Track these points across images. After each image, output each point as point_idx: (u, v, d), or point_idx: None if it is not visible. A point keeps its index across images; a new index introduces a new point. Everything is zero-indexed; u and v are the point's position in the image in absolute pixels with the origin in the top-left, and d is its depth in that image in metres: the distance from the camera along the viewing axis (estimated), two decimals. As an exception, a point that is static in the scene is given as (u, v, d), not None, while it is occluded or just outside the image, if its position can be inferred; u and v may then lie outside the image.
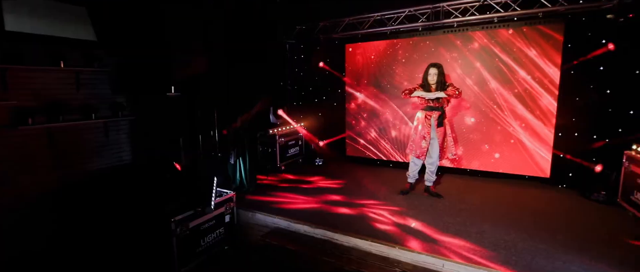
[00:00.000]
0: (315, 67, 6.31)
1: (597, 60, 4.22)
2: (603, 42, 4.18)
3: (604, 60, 4.18)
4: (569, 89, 4.44)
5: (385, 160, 5.86)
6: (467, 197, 4.24)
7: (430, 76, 4.01)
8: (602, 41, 4.19)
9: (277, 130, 5.66)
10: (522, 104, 4.70)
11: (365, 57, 5.77)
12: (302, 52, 6.51)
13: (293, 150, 6.03)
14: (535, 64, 4.55)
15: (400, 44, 5.44)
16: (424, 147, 4.10)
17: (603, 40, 4.18)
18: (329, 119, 6.37)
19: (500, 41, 4.71)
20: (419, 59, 5.29)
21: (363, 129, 5.98)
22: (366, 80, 5.82)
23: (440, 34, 5.11)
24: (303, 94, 6.64)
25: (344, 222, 3.52)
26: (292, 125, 6.09)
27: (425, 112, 4.10)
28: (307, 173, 5.46)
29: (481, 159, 5.07)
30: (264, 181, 5.05)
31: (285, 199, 4.27)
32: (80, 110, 4.32)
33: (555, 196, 4.27)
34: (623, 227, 3.35)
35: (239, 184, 4.48)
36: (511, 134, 4.82)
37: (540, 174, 4.73)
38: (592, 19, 4.22)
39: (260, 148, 5.70)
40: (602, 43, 4.18)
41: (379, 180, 5.05)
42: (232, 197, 3.79)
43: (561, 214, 3.69)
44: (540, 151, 4.69)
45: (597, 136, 4.34)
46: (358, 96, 5.94)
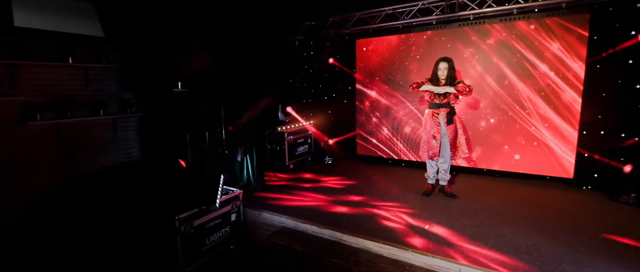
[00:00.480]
0: (324, 64, 6.17)
1: (626, 53, 3.94)
2: (632, 34, 3.90)
3: (633, 52, 3.90)
4: (594, 84, 4.17)
5: (397, 159, 5.68)
6: (484, 198, 4.02)
7: (440, 71, 3.82)
8: (631, 32, 3.91)
9: (285, 128, 5.55)
10: (544, 101, 4.44)
11: (377, 52, 5.60)
12: (312, 48, 6.39)
13: (302, 148, 5.91)
14: (558, 58, 4.29)
15: (414, 39, 5.24)
16: (435, 147, 3.91)
17: (632, 32, 3.90)
18: (339, 116, 6.22)
19: (520, 34, 4.47)
20: (434, 55, 5.08)
21: (374, 127, 5.80)
22: (378, 76, 5.64)
23: (456, 28, 4.89)
24: (312, 91, 6.51)
25: (354, 222, 3.37)
26: (301, 123, 5.97)
27: (432, 109, 3.91)
28: (316, 172, 5.33)
29: (499, 158, 4.83)
30: (272, 179, 4.94)
31: (293, 198, 4.14)
32: (88, 107, 4.30)
33: (580, 198, 4.00)
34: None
35: (246, 182, 4.38)
36: (532, 132, 4.56)
37: (563, 175, 4.46)
38: (620, 9, 3.94)
39: (269, 146, 5.60)
40: (631, 34, 3.90)
41: (390, 179, 4.87)
42: (239, 195, 3.69)
43: (587, 217, 3.45)
44: (563, 150, 4.42)
45: (626, 133, 4.05)
46: (369, 93, 5.77)
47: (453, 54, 4.78)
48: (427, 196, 4.12)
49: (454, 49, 4.89)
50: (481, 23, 4.70)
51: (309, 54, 6.45)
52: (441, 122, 3.90)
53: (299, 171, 5.41)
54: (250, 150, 4.29)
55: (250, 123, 4.28)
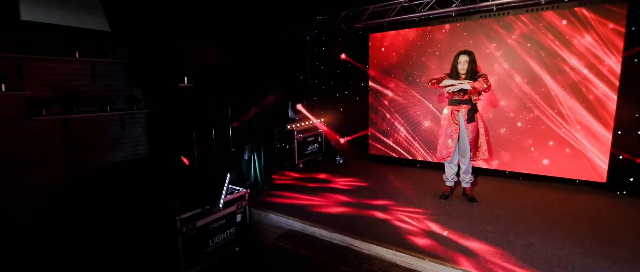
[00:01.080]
0: (336, 60, 5.96)
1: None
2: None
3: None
4: (631, 80, 3.80)
5: (412, 159, 5.40)
6: (508, 203, 3.73)
7: (460, 64, 3.54)
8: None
9: (295, 126, 5.37)
10: (574, 98, 4.09)
11: (392, 47, 5.34)
12: (323, 44, 6.18)
13: (312, 147, 5.72)
14: (591, 51, 3.94)
15: (432, 32, 4.96)
16: (450, 147, 3.65)
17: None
18: (351, 114, 6.00)
19: (548, 26, 4.13)
20: (453, 50, 4.78)
21: (388, 126, 5.55)
22: (393, 72, 5.38)
23: (477, 20, 4.58)
24: (323, 88, 6.31)
25: (366, 227, 3.15)
26: (311, 120, 5.77)
27: (452, 107, 3.64)
28: (326, 172, 5.13)
29: (524, 160, 4.50)
30: (280, 179, 4.77)
31: (301, 199, 3.95)
32: (96, 102, 4.23)
33: (614, 204, 3.65)
34: None
35: (253, 182, 4.22)
36: (560, 132, 4.22)
37: (594, 179, 4.10)
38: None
39: (278, 144, 5.43)
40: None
41: (405, 181, 4.62)
42: (245, 195, 3.53)
43: (624, 225, 3.11)
44: (596, 152, 4.06)
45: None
46: (383, 90, 5.52)
47: (475, 48, 4.46)
48: (445, 199, 3.85)
49: (475, 43, 4.59)
50: (505, 14, 4.38)
51: (320, 50, 6.25)
52: (461, 120, 3.62)
53: (309, 171, 5.22)
54: (258, 148, 4.12)
55: (258, 120, 4.11)
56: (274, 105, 4.57)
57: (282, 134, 5.37)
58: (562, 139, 4.22)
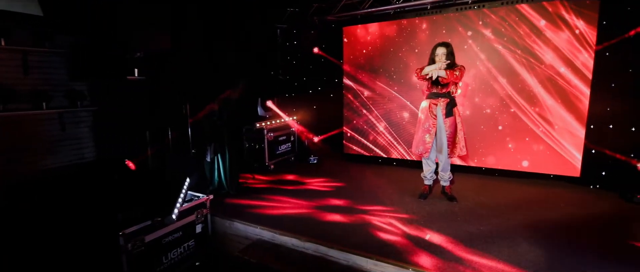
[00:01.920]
0: (309, 54, 5.64)
1: (638, 39, 3.58)
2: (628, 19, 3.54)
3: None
4: (604, 74, 3.80)
5: (388, 158, 5.20)
6: (488, 200, 3.59)
7: (438, 57, 3.36)
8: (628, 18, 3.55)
9: (265, 124, 4.98)
10: (549, 92, 4.05)
11: (367, 41, 5.10)
12: (295, 37, 5.84)
13: (284, 146, 5.36)
14: (566, 45, 3.90)
15: (407, 25, 4.77)
16: (428, 143, 3.45)
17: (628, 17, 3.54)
18: (325, 112, 5.70)
19: (524, 19, 4.05)
20: (430, 43, 4.62)
21: (364, 123, 5.30)
22: (367, 67, 5.14)
23: (453, 13, 4.44)
24: (296, 85, 5.96)
25: (342, 233, 2.85)
26: (283, 118, 5.41)
27: (430, 100, 3.45)
28: (299, 173, 4.79)
29: (498, 155, 4.42)
30: (248, 182, 4.37)
31: (272, 203, 3.59)
32: (29, 99, 3.61)
33: (591, 199, 3.62)
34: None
35: (218, 186, 3.79)
36: (535, 127, 4.16)
37: (568, 173, 4.08)
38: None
39: (246, 144, 5.02)
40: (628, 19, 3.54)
41: (382, 180, 4.39)
42: (206, 202, 3.11)
43: (605, 221, 3.04)
44: (570, 146, 4.04)
45: (636, 127, 3.69)
46: (358, 86, 5.27)
47: (452, 43, 4.34)
48: (424, 199, 3.65)
49: (451, 36, 4.44)
50: (481, 7, 4.26)
51: (291, 44, 5.90)
52: (439, 114, 3.43)
53: (281, 172, 4.85)
54: (223, 149, 3.71)
55: (222, 118, 3.69)
56: (241, 101, 4.16)
57: (251, 133, 4.96)
58: (537, 134, 4.16)
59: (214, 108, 3.58)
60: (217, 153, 3.68)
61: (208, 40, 3.64)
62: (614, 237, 2.74)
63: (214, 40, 3.57)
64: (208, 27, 3.71)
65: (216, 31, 3.57)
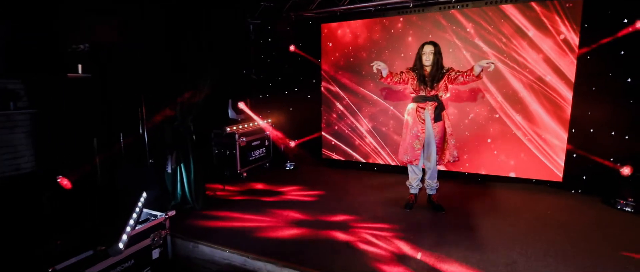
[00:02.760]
0: (285, 52, 5.26)
1: (618, 42, 3.55)
2: (624, 22, 3.51)
3: (626, 42, 3.51)
4: (585, 78, 3.75)
5: (369, 163, 4.94)
6: (474, 209, 3.40)
7: (425, 55, 3.13)
8: (624, 20, 3.52)
9: (237, 128, 4.54)
10: (532, 95, 3.96)
11: (347, 40, 4.81)
12: (269, 34, 5.43)
13: (258, 152, 4.94)
14: (549, 47, 3.82)
15: (389, 24, 4.53)
16: (417, 150, 3.21)
17: (625, 20, 3.51)
18: (302, 114, 5.35)
19: (508, 20, 3.93)
20: (412, 43, 4.42)
21: (343, 127, 5.01)
22: (348, 67, 4.86)
23: (436, 12, 4.25)
24: (270, 85, 5.56)
25: (325, 255, 2.52)
26: (256, 122, 4.99)
27: (417, 104, 3.21)
28: (275, 181, 4.40)
29: (481, 160, 4.28)
30: (218, 193, 3.92)
31: (244, 219, 3.18)
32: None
33: (576, 205, 3.54)
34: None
35: (181, 200, 3.33)
36: (517, 130, 4.06)
37: (551, 178, 4.01)
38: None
39: (216, 150, 4.56)
40: (624, 23, 3.51)
41: (364, 188, 4.11)
42: (164, 222, 2.66)
43: (595, 230, 2.94)
44: (552, 151, 3.97)
45: (616, 132, 3.67)
46: (337, 87, 4.97)
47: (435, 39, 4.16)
48: (410, 209, 3.40)
49: (434, 37, 4.25)
50: (465, 6, 4.10)
51: (265, 41, 5.49)
52: (427, 119, 3.20)
53: (254, 180, 4.44)
54: (187, 157, 3.25)
55: (186, 121, 3.23)
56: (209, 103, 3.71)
57: (220, 137, 4.50)
58: (520, 139, 4.06)
59: (175, 111, 3.12)
60: (180, 162, 3.22)
61: (169, 33, 3.16)
62: (610, 249, 2.62)
63: (176, 32, 3.10)
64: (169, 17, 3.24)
65: (178, 22, 3.11)
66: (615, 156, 3.65)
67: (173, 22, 3.14)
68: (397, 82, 3.21)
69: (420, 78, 3.16)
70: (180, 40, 3.07)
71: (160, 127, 3.17)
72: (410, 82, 3.22)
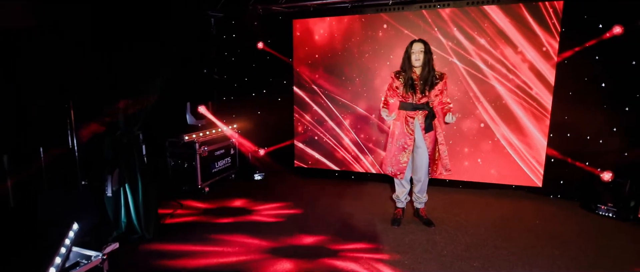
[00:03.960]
0: (252, 50, 4.73)
1: (593, 48, 3.56)
2: (600, 27, 3.52)
3: (601, 48, 3.53)
4: (564, 82, 3.72)
5: (346, 171, 4.59)
6: (464, 222, 3.18)
7: (415, 54, 2.81)
8: (599, 26, 3.53)
9: (197, 136, 3.92)
10: (510, 99, 3.86)
11: (321, 37, 4.41)
12: (233, 29, 4.86)
13: (222, 162, 4.34)
14: (528, 51, 3.74)
15: (368, 21, 4.20)
16: (403, 162, 2.91)
17: (600, 25, 3.53)
18: (272, 118, 4.84)
19: (489, 22, 3.79)
20: (393, 43, 4.13)
21: (318, 132, 4.60)
22: (322, 67, 4.45)
23: (417, 10, 4.01)
24: (235, 86, 4.98)
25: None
26: (219, 128, 4.39)
27: (405, 112, 2.90)
28: (243, 196, 3.86)
29: (462, 166, 4.12)
30: (174, 214, 3.30)
31: (207, 251, 2.63)
32: None
33: (560, 212, 3.47)
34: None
35: (126, 229, 2.68)
36: (498, 135, 3.95)
37: (530, 183, 3.95)
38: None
39: (171, 162, 3.90)
40: (599, 28, 3.52)
41: (344, 201, 3.73)
42: (101, 265, 2.04)
43: (588, 240, 2.83)
44: (532, 156, 3.90)
45: (590, 136, 3.68)
46: (311, 89, 4.54)
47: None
48: (398, 226, 3.08)
49: (417, 34, 4.00)
50: (446, 6, 3.90)
51: (229, 37, 4.90)
52: (417, 129, 2.89)
53: (219, 196, 3.86)
54: (133, 174, 2.62)
55: (131, 130, 2.60)
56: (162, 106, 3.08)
57: (177, 147, 3.85)
58: (500, 144, 3.96)
59: (131, 116, 2.49)
60: (124, 182, 2.58)
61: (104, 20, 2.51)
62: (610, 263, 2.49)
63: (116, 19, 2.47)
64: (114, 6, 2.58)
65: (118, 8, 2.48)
66: (591, 160, 3.65)
67: (111, 8, 2.50)
68: (392, 103, 2.95)
69: (409, 82, 2.84)
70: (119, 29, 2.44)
71: (98, 138, 2.51)
72: (398, 86, 2.89)
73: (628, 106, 3.52)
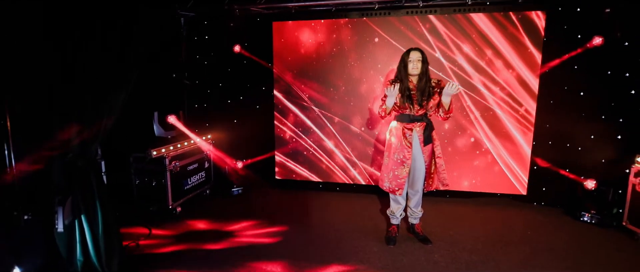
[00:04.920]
0: (228, 53, 4.35)
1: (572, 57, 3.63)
2: (578, 37, 3.60)
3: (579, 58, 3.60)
4: (547, 92, 3.76)
5: (331, 182, 4.35)
6: (458, 236, 3.06)
7: (412, 63, 2.66)
8: (578, 36, 3.61)
9: (167, 151, 3.48)
10: (495, 107, 3.84)
11: (304, 41, 4.14)
12: (206, 30, 4.45)
13: (195, 178, 3.93)
14: (513, 60, 3.73)
15: (353, 26, 4.00)
16: (402, 178, 2.73)
17: (578, 35, 3.60)
18: (250, 127, 4.49)
19: (475, 29, 3.74)
20: (379, 48, 3.97)
21: (301, 141, 4.33)
22: (305, 73, 4.19)
23: (403, 16, 3.88)
24: (209, 92, 4.56)
25: None
26: (192, 139, 3.97)
27: (402, 125, 2.73)
28: (220, 215, 3.49)
29: (450, 175, 4.04)
30: (141, 243, 2.87)
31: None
32: None
33: (548, 221, 3.47)
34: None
35: (83, 268, 2.24)
36: (480, 143, 3.92)
37: (515, 191, 3.96)
38: (570, 9, 3.59)
39: (137, 180, 3.43)
40: (578, 38, 3.60)
41: (333, 217, 3.48)
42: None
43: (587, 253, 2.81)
44: (516, 164, 3.91)
45: (570, 144, 3.76)
46: (292, 96, 4.26)
47: (404, 45, 3.80)
48: (394, 245, 2.88)
49: (400, 42, 3.88)
50: (433, 12, 3.81)
51: (202, 38, 4.49)
52: (415, 142, 2.72)
53: (193, 216, 3.46)
54: (90, 203, 2.18)
55: (88, 151, 2.17)
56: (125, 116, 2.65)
57: (143, 163, 3.39)
58: (487, 151, 3.93)
59: (70, 136, 2.06)
60: (80, 213, 2.14)
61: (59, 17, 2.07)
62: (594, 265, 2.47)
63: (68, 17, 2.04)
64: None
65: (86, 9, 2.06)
66: (573, 168, 3.70)
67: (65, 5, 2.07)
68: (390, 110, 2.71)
69: (405, 93, 2.67)
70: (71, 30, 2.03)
71: (45, 163, 2.07)
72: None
73: (604, 115, 3.62)
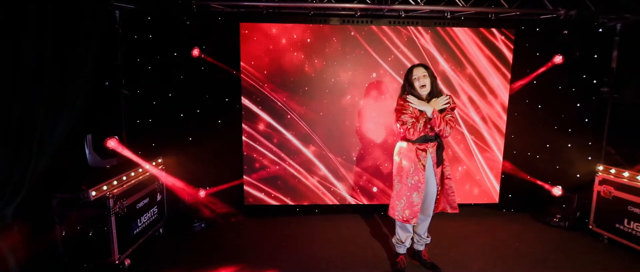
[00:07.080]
0: (183, 55, 3.55)
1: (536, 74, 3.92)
2: (537, 54, 3.90)
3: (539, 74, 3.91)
4: (514, 104, 3.98)
5: (307, 205, 3.91)
6: (456, 255, 2.98)
7: (419, 81, 2.45)
8: (536, 53, 3.91)
9: (109, 188, 2.58)
10: (468, 119, 3.92)
11: (279, 46, 3.61)
12: (150, 27, 3.56)
13: (147, 216, 3.06)
14: (486, 72, 3.85)
15: (333, 33, 3.63)
16: (417, 205, 2.49)
17: (537, 53, 3.91)
18: (212, 146, 3.73)
19: (453, 41, 3.75)
20: (362, 57, 3.68)
21: (274, 159, 3.78)
22: (276, 81, 3.66)
23: (385, 25, 3.67)
24: (154, 104, 3.66)
25: None
26: (140, 167, 3.08)
27: (415, 146, 2.48)
28: (181, 263, 2.75)
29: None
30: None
31: None
32: None
33: (524, 229, 3.63)
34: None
35: None
36: (456, 155, 3.97)
37: (489, 200, 4.10)
38: (531, 29, 3.86)
39: (63, 232, 2.46)
40: (536, 55, 3.90)
41: (321, 250, 3.05)
42: None
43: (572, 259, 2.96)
44: (488, 173, 4.06)
45: (531, 152, 4.06)
46: (264, 107, 3.69)
47: (383, 55, 3.64)
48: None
49: (380, 52, 3.68)
50: (415, 24, 3.69)
51: (144, 37, 3.57)
52: (429, 164, 2.49)
53: (146, 268, 2.64)
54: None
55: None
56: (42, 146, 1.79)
57: (73, 207, 2.44)
58: (459, 161, 3.98)
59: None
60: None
61: None
62: None
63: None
64: None
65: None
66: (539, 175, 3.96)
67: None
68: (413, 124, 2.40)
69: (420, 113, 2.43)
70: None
71: None
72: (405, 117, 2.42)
73: (556, 125, 3.98)
